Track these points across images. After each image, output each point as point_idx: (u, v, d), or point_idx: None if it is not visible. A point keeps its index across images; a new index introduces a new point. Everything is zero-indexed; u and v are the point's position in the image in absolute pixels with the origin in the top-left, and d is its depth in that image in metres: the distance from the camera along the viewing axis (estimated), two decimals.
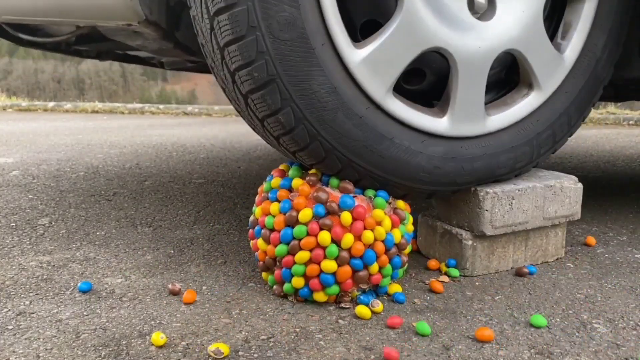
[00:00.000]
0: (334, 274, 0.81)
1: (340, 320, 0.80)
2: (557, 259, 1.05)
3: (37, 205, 1.44)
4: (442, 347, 0.73)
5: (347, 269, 0.81)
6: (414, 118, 0.87)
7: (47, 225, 1.27)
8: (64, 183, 1.74)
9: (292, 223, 0.82)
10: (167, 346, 0.72)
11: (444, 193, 0.94)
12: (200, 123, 4.06)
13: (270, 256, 0.85)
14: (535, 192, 0.97)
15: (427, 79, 0.92)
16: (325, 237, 0.80)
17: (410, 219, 0.90)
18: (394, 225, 0.85)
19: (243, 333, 0.76)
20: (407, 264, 0.91)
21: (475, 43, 0.87)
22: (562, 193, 1.00)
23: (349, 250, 0.81)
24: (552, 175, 1.04)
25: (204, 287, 0.91)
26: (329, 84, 0.79)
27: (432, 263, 1.00)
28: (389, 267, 0.85)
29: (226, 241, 1.16)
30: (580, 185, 1.02)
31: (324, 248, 0.81)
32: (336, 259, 0.81)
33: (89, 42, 1.36)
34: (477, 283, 0.94)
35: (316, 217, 0.81)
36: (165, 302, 0.86)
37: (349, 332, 0.76)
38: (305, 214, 0.81)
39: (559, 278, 0.97)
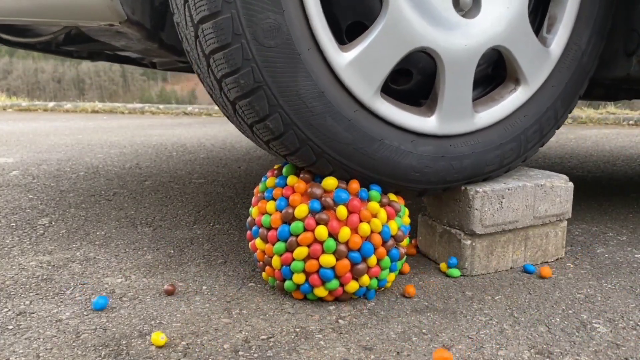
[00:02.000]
0: (332, 268, 0.82)
1: (340, 320, 0.80)
2: (557, 259, 1.05)
3: (37, 205, 1.44)
4: (442, 347, 0.73)
5: (345, 263, 0.82)
6: (402, 118, 0.87)
7: (47, 225, 1.27)
8: (64, 183, 1.74)
9: (288, 220, 0.83)
10: (167, 346, 0.72)
11: (434, 191, 0.94)
12: (200, 123, 4.06)
13: (269, 254, 0.85)
14: (526, 191, 0.97)
15: (414, 78, 0.92)
16: (322, 231, 0.80)
17: (406, 211, 0.91)
18: (389, 218, 0.86)
19: (243, 333, 0.76)
20: (405, 257, 0.91)
21: (461, 41, 0.87)
22: (553, 192, 1.00)
23: (346, 243, 0.82)
24: (542, 174, 1.04)
25: (204, 287, 0.91)
26: (315, 88, 0.79)
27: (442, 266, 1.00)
28: (387, 259, 0.85)
29: (226, 241, 1.16)
30: (570, 184, 1.02)
31: (321, 243, 0.81)
32: (334, 253, 0.81)
33: (78, 43, 1.35)
34: (477, 283, 0.94)
35: (312, 212, 0.82)
36: (165, 302, 0.86)
37: (349, 332, 0.76)
38: (301, 209, 0.81)
39: (559, 278, 0.97)
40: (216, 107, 5.06)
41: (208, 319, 0.80)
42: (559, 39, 0.97)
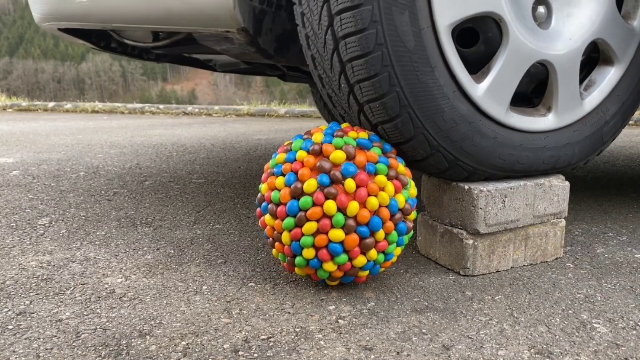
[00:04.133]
0: (341, 242, 0.82)
1: (340, 320, 0.80)
2: (556, 259, 1.05)
3: (37, 205, 1.45)
4: (442, 347, 0.73)
5: (354, 237, 0.82)
6: (458, 67, 0.90)
7: (47, 225, 1.27)
8: (64, 183, 1.74)
9: (297, 194, 0.83)
10: (167, 346, 0.72)
11: (436, 165, 0.94)
12: (200, 123, 4.06)
13: (279, 230, 0.86)
14: (526, 190, 0.97)
15: (477, 46, 0.96)
16: (331, 206, 0.81)
17: (412, 184, 0.91)
18: (396, 191, 0.86)
19: (243, 333, 0.76)
20: (412, 232, 0.91)
21: (528, 38, 0.94)
22: (551, 191, 1.00)
23: (355, 218, 0.82)
24: None
25: (204, 287, 0.91)
26: None
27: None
28: (394, 233, 0.85)
29: (226, 241, 1.16)
30: (567, 183, 1.03)
31: (330, 217, 0.81)
32: (343, 227, 0.82)
33: (166, 47, 1.42)
34: (477, 283, 0.94)
35: (321, 186, 0.82)
36: (165, 302, 0.86)
37: (349, 332, 0.77)
38: (310, 184, 0.82)
39: (558, 278, 0.97)
40: (216, 107, 5.06)
41: (208, 319, 0.80)
42: (592, 99, 1.06)
